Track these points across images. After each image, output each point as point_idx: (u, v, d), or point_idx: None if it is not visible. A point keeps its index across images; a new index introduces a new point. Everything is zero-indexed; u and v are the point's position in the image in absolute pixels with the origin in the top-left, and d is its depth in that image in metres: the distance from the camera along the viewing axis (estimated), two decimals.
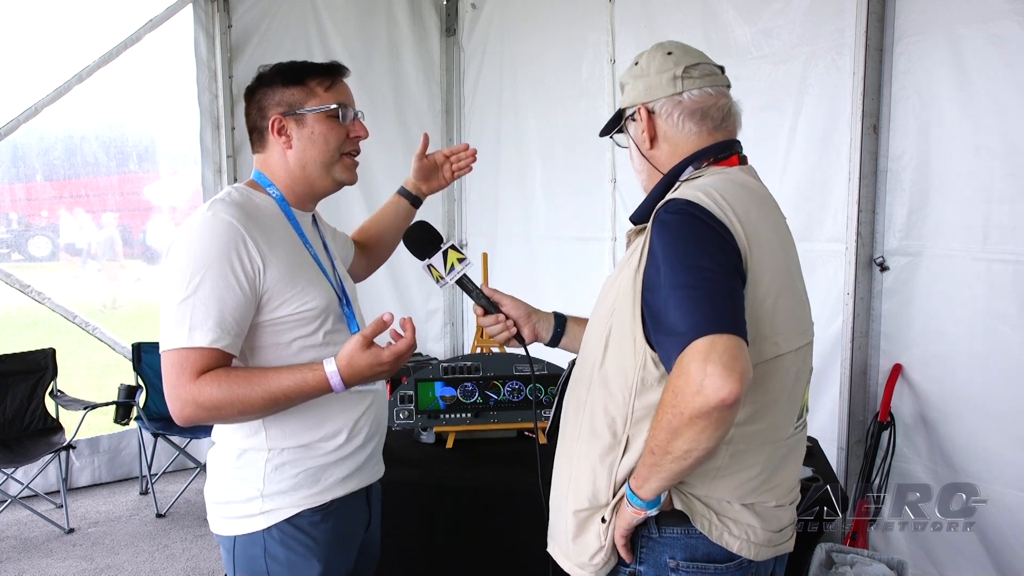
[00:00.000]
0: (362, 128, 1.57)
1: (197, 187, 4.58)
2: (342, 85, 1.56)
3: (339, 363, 1.36)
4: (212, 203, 1.45)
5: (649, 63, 1.40)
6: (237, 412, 1.37)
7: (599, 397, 1.31)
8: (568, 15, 4.36)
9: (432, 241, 1.57)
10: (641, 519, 1.26)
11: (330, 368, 1.36)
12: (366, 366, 1.36)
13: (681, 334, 1.11)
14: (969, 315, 2.74)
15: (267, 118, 1.52)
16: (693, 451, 1.13)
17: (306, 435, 1.50)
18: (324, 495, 1.52)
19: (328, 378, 1.36)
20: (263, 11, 4.58)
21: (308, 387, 1.37)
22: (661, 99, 1.37)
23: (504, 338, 1.59)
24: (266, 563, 1.50)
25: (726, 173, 1.33)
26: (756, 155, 3.58)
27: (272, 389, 1.36)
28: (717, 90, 1.38)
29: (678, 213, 1.22)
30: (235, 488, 1.50)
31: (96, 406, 3.97)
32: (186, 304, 1.36)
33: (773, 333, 1.25)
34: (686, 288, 1.14)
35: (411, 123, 5.29)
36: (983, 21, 2.62)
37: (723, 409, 1.07)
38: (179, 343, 1.36)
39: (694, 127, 1.36)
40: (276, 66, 1.55)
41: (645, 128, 1.39)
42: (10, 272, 4.23)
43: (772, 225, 1.31)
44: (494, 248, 4.84)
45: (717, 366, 1.06)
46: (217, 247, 1.38)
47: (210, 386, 1.34)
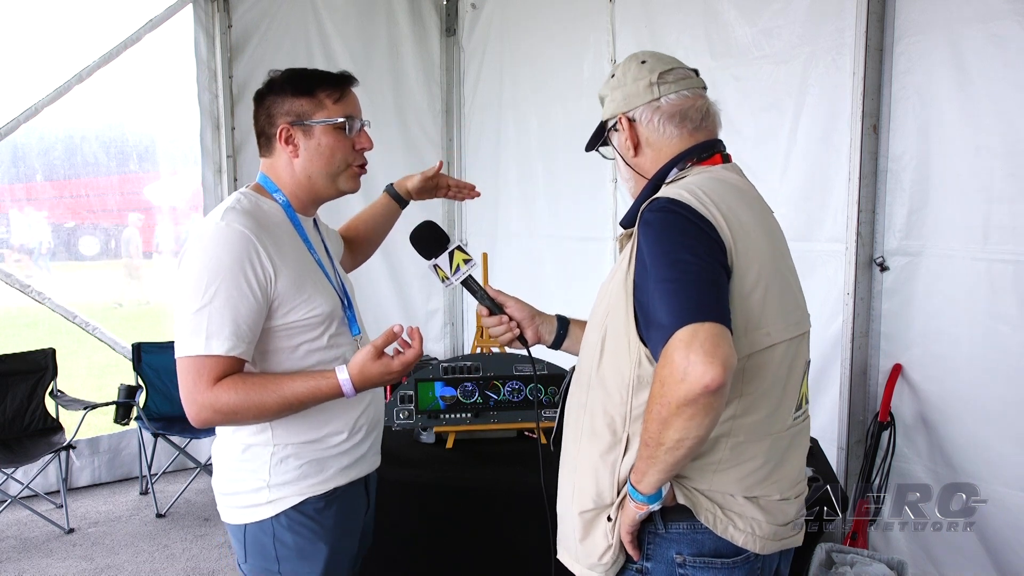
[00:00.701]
0: (367, 140, 1.61)
1: (197, 187, 4.58)
2: (351, 96, 1.60)
3: (351, 371, 1.44)
4: (225, 212, 1.49)
5: (625, 73, 1.43)
6: (252, 416, 1.45)
7: (598, 398, 1.33)
8: (568, 15, 4.37)
9: (439, 241, 1.59)
10: (645, 514, 1.27)
11: (343, 376, 1.44)
12: (377, 375, 1.44)
13: (666, 326, 1.14)
14: (969, 315, 2.74)
15: (275, 126, 1.55)
16: (685, 440, 1.15)
17: (310, 433, 1.56)
18: (327, 483, 1.59)
19: (341, 386, 1.44)
20: (263, 11, 4.58)
21: (321, 394, 1.45)
22: (639, 106, 1.41)
23: (507, 339, 1.61)
24: (275, 548, 1.56)
25: (709, 172, 1.36)
26: (757, 155, 3.59)
27: (287, 395, 1.43)
28: (693, 92, 1.41)
29: (660, 211, 1.25)
30: (242, 479, 1.57)
31: (96, 406, 3.97)
32: (202, 313, 1.41)
33: (764, 323, 1.27)
34: (668, 282, 1.17)
35: (411, 123, 5.30)
36: (983, 21, 2.62)
37: (708, 395, 1.09)
38: (196, 351, 1.41)
39: (675, 130, 1.40)
40: (287, 73, 1.58)
41: (628, 136, 1.42)
42: (10, 272, 4.23)
43: (757, 219, 1.33)
44: (494, 248, 4.84)
45: (699, 353, 1.08)
46: (231, 257, 1.43)
47: (227, 393, 1.41)
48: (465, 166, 5.41)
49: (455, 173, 5.46)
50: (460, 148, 5.42)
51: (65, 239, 4.97)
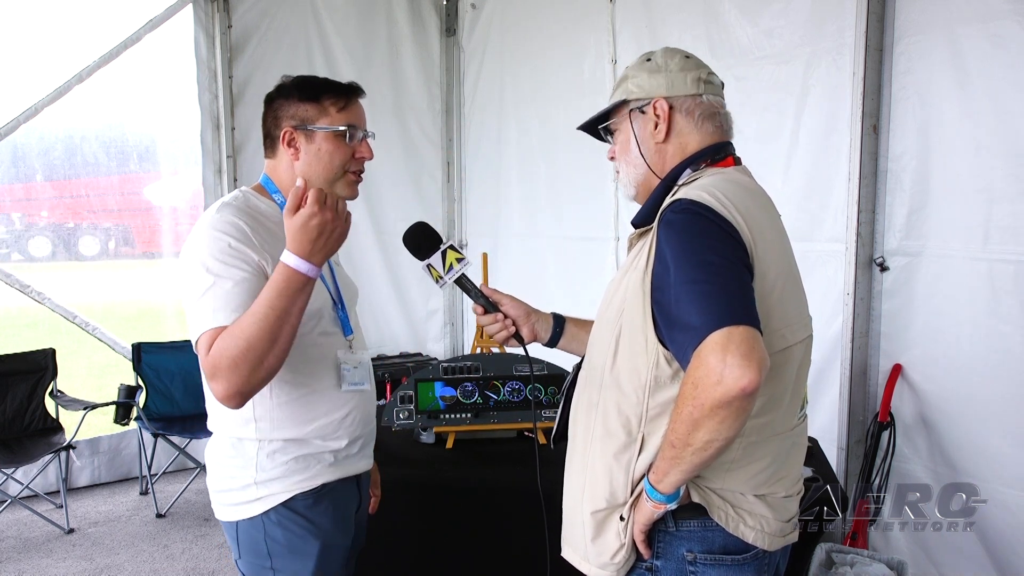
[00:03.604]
0: (368, 150, 1.64)
1: (198, 187, 4.59)
2: (356, 106, 1.63)
3: (286, 251, 1.42)
4: (220, 206, 1.55)
5: (668, 61, 1.43)
6: (253, 356, 1.39)
7: (612, 397, 1.33)
8: (569, 15, 4.37)
9: (431, 241, 1.60)
10: (661, 514, 1.28)
11: (287, 258, 1.41)
12: (299, 227, 1.41)
13: (696, 328, 1.14)
14: (969, 315, 2.73)
15: (280, 128, 1.60)
16: (714, 442, 1.16)
17: (294, 430, 1.58)
18: (315, 479, 1.60)
19: (290, 265, 1.41)
20: (263, 11, 4.59)
21: (282, 284, 1.40)
22: (683, 96, 1.41)
23: (503, 337, 1.61)
24: (267, 544, 1.59)
25: (723, 173, 1.37)
26: (759, 155, 3.59)
27: (258, 310, 1.39)
28: (719, 100, 1.45)
29: (684, 212, 1.25)
30: (232, 476, 1.59)
31: (96, 406, 3.97)
32: (206, 296, 1.44)
33: (782, 325, 1.28)
34: (698, 283, 1.17)
35: (411, 123, 5.30)
36: (983, 21, 2.62)
37: (743, 398, 1.10)
38: (203, 327, 1.43)
39: (709, 127, 1.42)
40: (296, 79, 1.63)
41: (662, 121, 1.41)
42: (10, 272, 4.23)
43: (771, 221, 1.35)
44: (495, 248, 4.84)
45: (736, 356, 1.09)
46: (226, 241, 1.47)
47: (217, 346, 1.40)
48: (465, 166, 5.41)
49: (455, 173, 5.47)
50: (460, 148, 5.42)
51: (65, 239, 4.97)
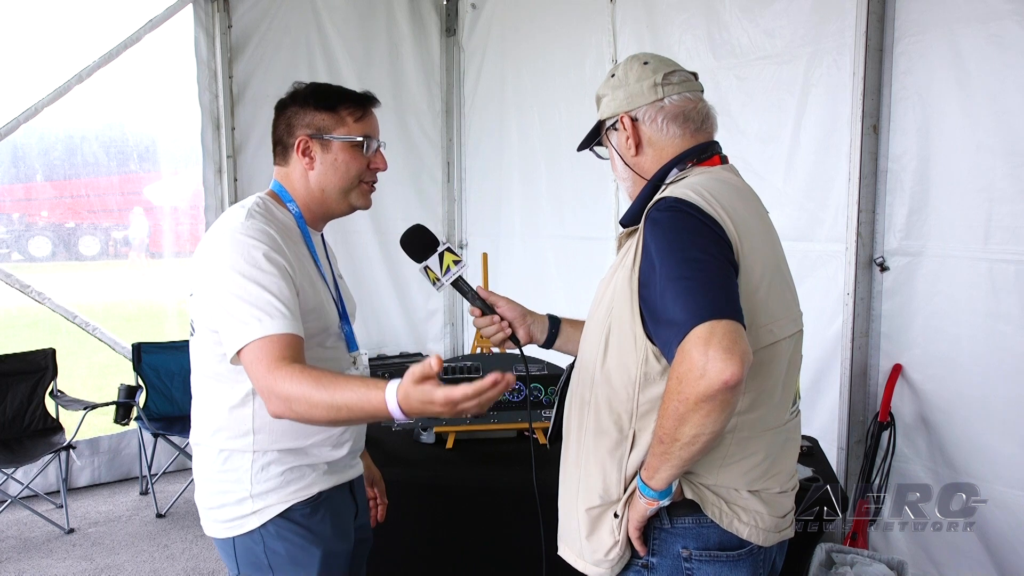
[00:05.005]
0: (383, 161, 1.64)
1: (198, 187, 4.59)
2: (371, 117, 1.62)
3: (398, 390, 1.25)
4: (248, 212, 1.51)
5: (627, 73, 1.45)
6: (304, 409, 1.33)
7: (603, 395, 1.34)
8: (569, 15, 4.37)
9: (428, 244, 1.60)
10: (654, 510, 1.29)
11: (390, 392, 1.26)
12: (416, 401, 1.23)
13: (680, 323, 1.15)
14: (970, 315, 2.74)
15: (294, 136, 1.58)
16: (700, 436, 1.16)
17: (294, 442, 1.55)
18: (311, 487, 1.58)
19: (388, 406, 1.26)
20: (263, 11, 4.59)
21: (370, 410, 1.29)
22: (643, 106, 1.42)
23: (499, 339, 1.62)
24: (268, 557, 1.56)
25: (710, 172, 1.38)
26: (759, 155, 3.57)
27: (336, 399, 1.30)
28: (694, 95, 1.44)
29: (668, 210, 1.26)
30: (225, 491, 1.55)
31: (96, 406, 3.97)
32: (245, 304, 1.39)
33: (768, 321, 1.29)
34: (681, 279, 1.18)
35: (411, 123, 5.30)
36: (983, 21, 2.62)
37: (727, 391, 1.11)
38: (253, 335, 1.37)
39: (677, 130, 1.42)
40: (311, 86, 1.61)
41: (630, 135, 1.43)
42: (10, 272, 4.23)
43: (758, 218, 1.36)
44: (496, 248, 4.84)
45: (718, 350, 1.10)
46: (261, 250, 1.44)
47: (287, 381, 1.32)
48: (465, 166, 5.41)
49: (455, 173, 5.47)
50: (460, 148, 5.42)
51: (65, 239, 4.97)
